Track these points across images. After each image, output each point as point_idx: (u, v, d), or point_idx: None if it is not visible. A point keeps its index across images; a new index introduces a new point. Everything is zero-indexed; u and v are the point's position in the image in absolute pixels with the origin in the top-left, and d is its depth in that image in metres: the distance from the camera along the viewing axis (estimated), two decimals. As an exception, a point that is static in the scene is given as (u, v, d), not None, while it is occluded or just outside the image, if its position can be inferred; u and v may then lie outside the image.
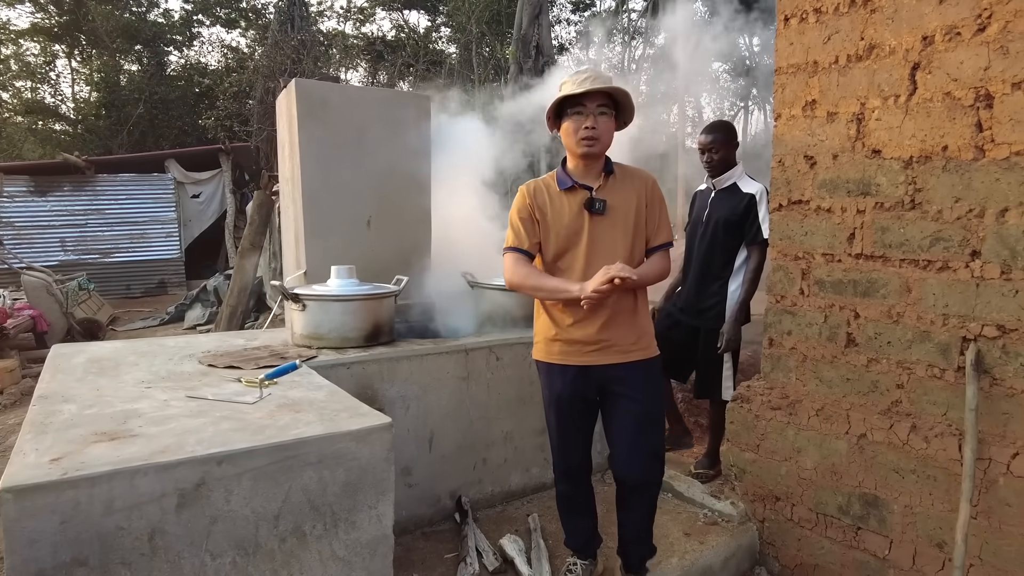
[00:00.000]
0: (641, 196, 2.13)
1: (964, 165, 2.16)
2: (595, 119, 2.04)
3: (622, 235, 2.11)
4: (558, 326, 2.16)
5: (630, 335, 2.15)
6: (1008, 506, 2.06)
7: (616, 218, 2.10)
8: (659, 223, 2.16)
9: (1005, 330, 2.08)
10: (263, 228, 6.44)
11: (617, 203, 2.11)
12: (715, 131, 3.30)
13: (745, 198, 3.17)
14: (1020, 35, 2.00)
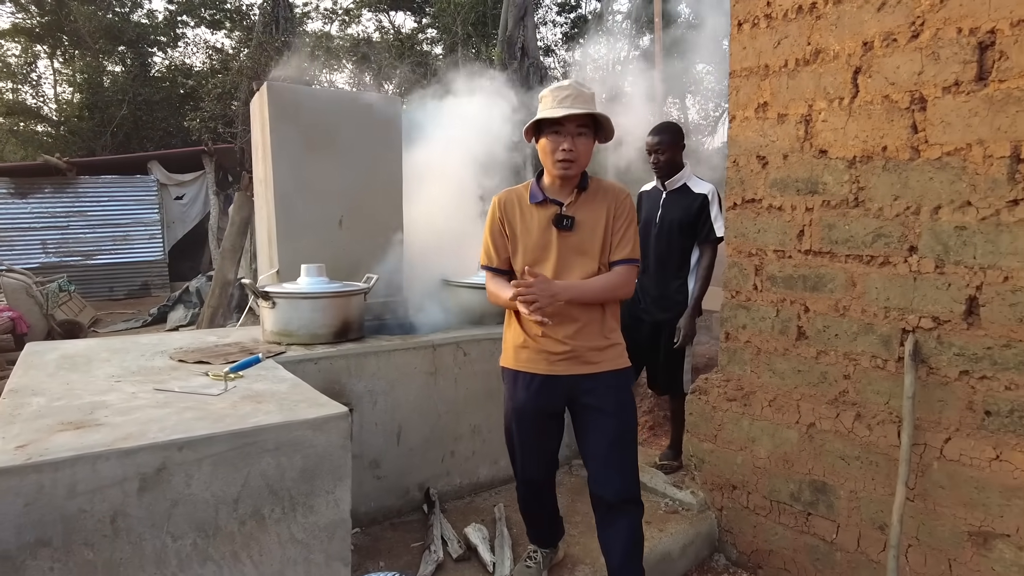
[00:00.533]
0: (610, 211, 2.07)
1: (901, 165, 2.27)
2: (573, 140, 1.99)
3: (590, 252, 2.07)
4: (527, 334, 2.13)
5: (598, 345, 2.10)
6: (941, 488, 2.17)
7: (584, 235, 2.06)
8: (622, 237, 2.08)
9: (939, 321, 2.19)
10: (244, 229, 6.48)
11: (586, 219, 2.06)
12: (661, 132, 3.34)
13: (698, 199, 3.26)
14: (949, 42, 2.11)
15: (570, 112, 1.95)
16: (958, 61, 2.10)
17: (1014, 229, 2.01)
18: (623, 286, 2.09)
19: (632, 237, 2.09)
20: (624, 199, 2.11)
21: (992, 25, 2.02)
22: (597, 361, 2.11)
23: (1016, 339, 2.02)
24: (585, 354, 2.09)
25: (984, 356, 2.09)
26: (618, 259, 2.08)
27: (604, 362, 2.12)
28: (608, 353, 2.13)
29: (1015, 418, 2.03)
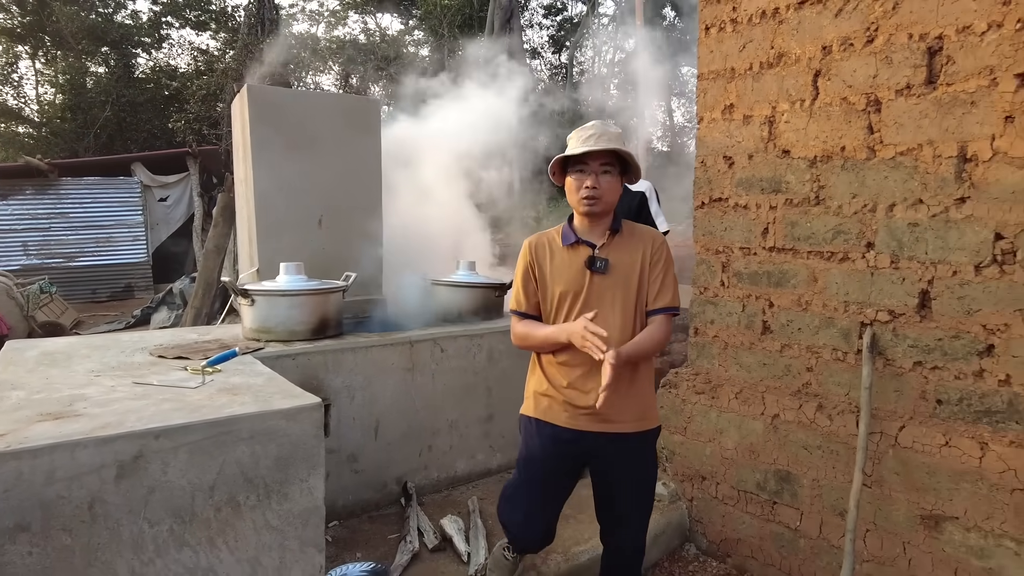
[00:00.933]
0: (646, 256, 1.99)
1: (859, 164, 2.36)
2: (597, 178, 1.93)
3: (622, 296, 1.97)
4: (551, 384, 2.03)
5: (629, 406, 1.98)
6: (896, 474, 2.26)
7: (618, 278, 1.97)
8: (662, 285, 1.98)
9: (895, 314, 2.29)
10: (227, 230, 6.50)
11: (619, 263, 1.98)
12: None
13: (636, 196, 3.33)
14: (901, 47, 2.21)
15: (591, 149, 1.90)
16: (909, 65, 2.20)
17: (961, 226, 2.10)
18: (667, 338, 2.00)
19: (671, 285, 2.00)
20: (661, 244, 2.02)
21: (940, 31, 2.12)
22: (623, 420, 1.98)
23: (964, 330, 2.11)
24: (614, 415, 1.96)
25: (935, 347, 2.18)
26: (658, 308, 1.98)
27: (632, 421, 2.00)
28: (636, 411, 2.00)
29: (963, 406, 2.12)
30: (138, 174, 11.89)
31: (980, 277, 2.07)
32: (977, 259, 2.08)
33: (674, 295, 2.00)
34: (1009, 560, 2.01)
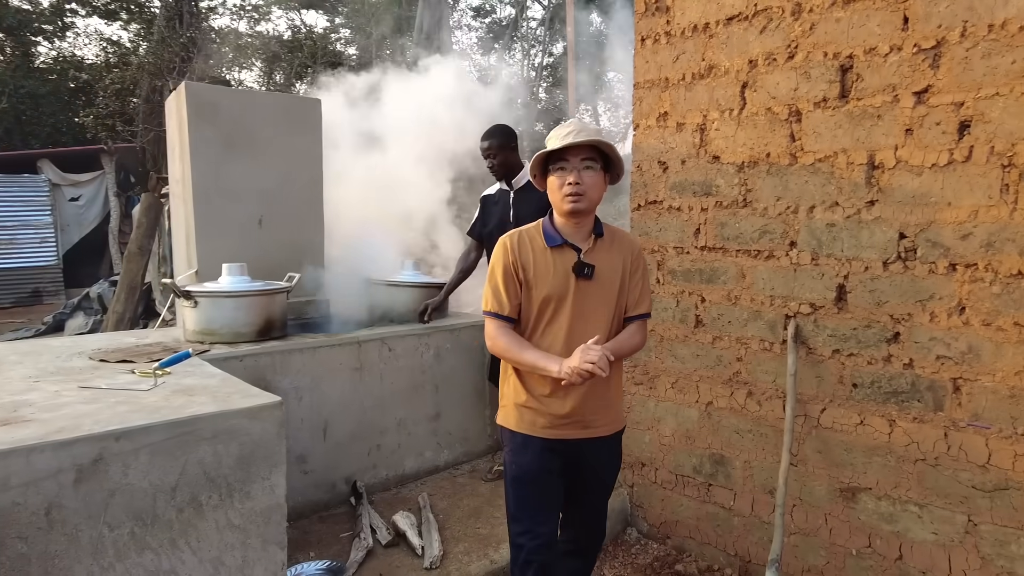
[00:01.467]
0: (627, 262, 1.99)
1: (782, 169, 2.57)
2: (579, 174, 1.86)
3: (606, 302, 1.95)
4: (530, 394, 1.97)
5: (604, 410, 2.01)
6: (818, 452, 2.48)
7: (603, 284, 1.94)
8: (640, 292, 2.00)
9: (815, 307, 2.50)
10: (151, 231, 6.24)
11: (604, 268, 1.95)
12: (489, 137, 3.31)
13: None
14: (818, 63, 2.43)
15: (571, 143, 1.84)
16: (825, 80, 2.42)
17: (871, 226, 2.33)
18: (644, 342, 2.06)
19: (647, 291, 2.04)
20: (639, 251, 2.05)
21: (851, 51, 2.34)
22: (600, 424, 2.00)
23: (875, 320, 2.34)
24: (588, 417, 1.97)
25: (851, 336, 2.41)
26: (637, 314, 2.01)
27: (606, 425, 2.02)
28: (610, 414, 2.03)
29: (875, 388, 2.35)
30: (46, 171, 11.18)
31: (887, 272, 2.31)
32: (885, 256, 2.31)
33: (650, 301, 2.07)
34: (913, 522, 2.25)
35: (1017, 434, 2.06)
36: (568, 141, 1.85)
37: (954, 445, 2.17)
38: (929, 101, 2.20)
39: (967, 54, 2.12)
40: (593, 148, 1.89)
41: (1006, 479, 2.07)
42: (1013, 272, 2.06)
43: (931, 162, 2.20)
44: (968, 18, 2.12)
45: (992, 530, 2.11)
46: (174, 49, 14.54)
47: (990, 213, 2.10)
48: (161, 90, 14.77)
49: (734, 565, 2.74)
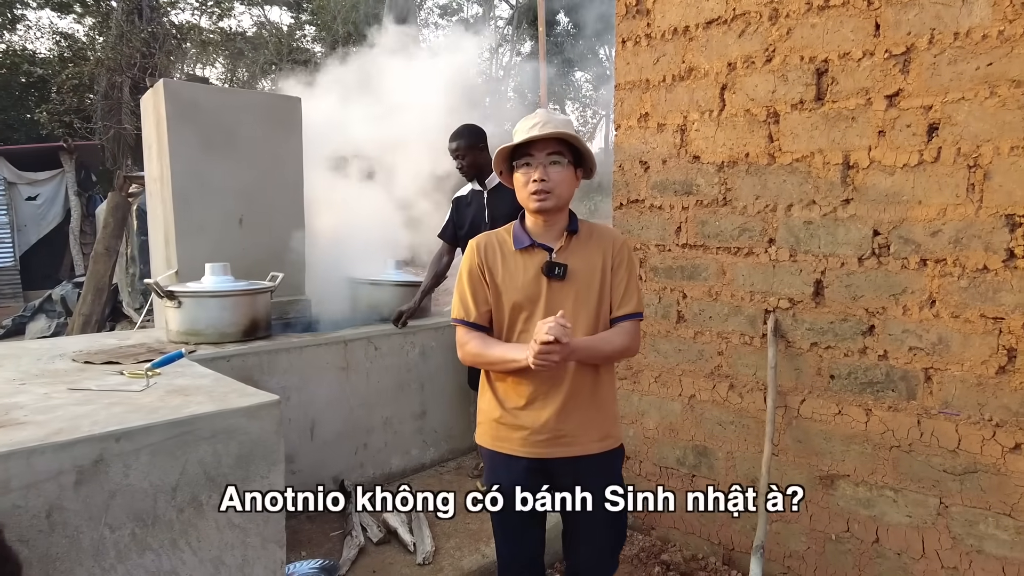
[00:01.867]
0: (607, 258, 1.80)
1: (761, 169, 2.65)
2: (545, 169, 1.72)
3: (585, 304, 1.77)
4: (504, 407, 1.82)
5: (589, 424, 1.80)
6: (799, 442, 2.57)
7: (578, 285, 1.78)
8: (625, 289, 1.80)
9: (794, 302, 2.59)
10: (119, 232, 6.10)
11: (579, 267, 1.78)
12: (458, 137, 3.25)
13: None
14: (794, 67, 2.52)
15: (535, 136, 1.70)
16: (802, 83, 2.51)
17: (847, 223, 2.43)
18: (632, 344, 1.81)
19: (636, 289, 1.83)
20: (622, 245, 1.84)
21: (826, 55, 2.44)
22: (585, 440, 1.80)
23: (851, 314, 2.44)
24: (569, 431, 1.78)
25: (828, 329, 2.51)
26: (622, 314, 1.80)
27: (594, 441, 1.81)
28: (597, 429, 1.82)
29: (851, 379, 2.45)
30: (1, 170, 10.79)
31: (862, 268, 2.41)
32: (860, 252, 2.41)
33: (639, 299, 1.82)
34: (889, 507, 2.36)
35: (984, 420, 2.18)
36: (532, 134, 1.70)
37: (926, 432, 2.28)
38: (900, 104, 2.30)
39: (935, 60, 2.23)
40: (560, 141, 1.73)
41: (975, 462, 2.19)
42: (979, 267, 2.18)
43: (902, 162, 2.31)
44: (935, 26, 2.22)
45: (962, 511, 2.22)
46: (134, 45, 14.19)
47: (957, 211, 2.21)
48: (120, 86, 14.40)
49: (718, 553, 2.82)
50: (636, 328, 1.83)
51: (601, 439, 1.84)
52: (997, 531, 2.15)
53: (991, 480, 2.16)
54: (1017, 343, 2.11)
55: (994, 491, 2.15)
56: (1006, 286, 2.12)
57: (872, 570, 2.41)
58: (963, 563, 2.22)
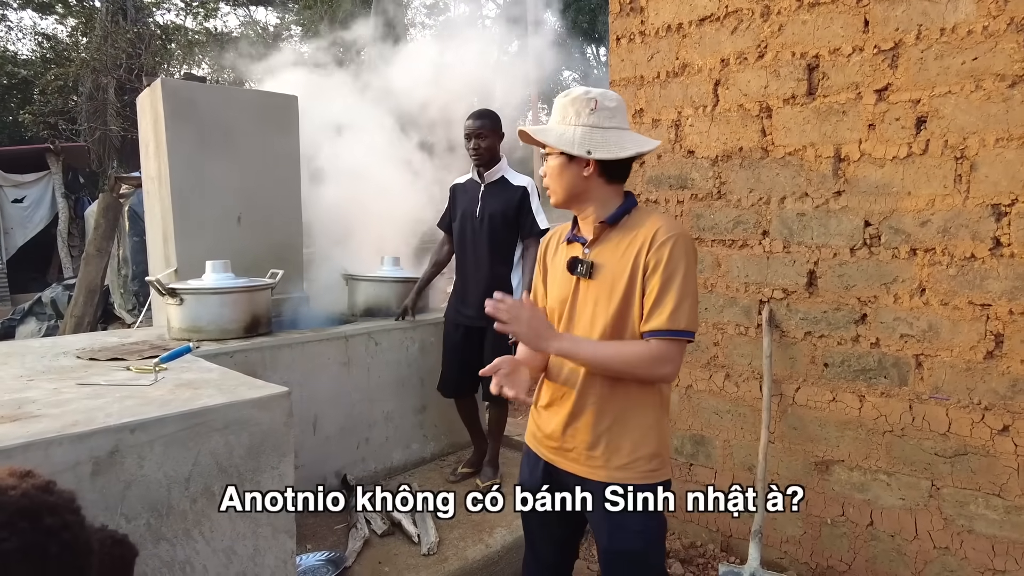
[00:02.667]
0: (640, 258, 1.52)
1: (754, 163, 2.71)
2: (546, 164, 1.63)
3: (604, 308, 1.56)
4: (536, 401, 1.74)
5: (595, 445, 1.58)
6: (794, 429, 2.63)
7: (603, 285, 1.57)
8: (656, 298, 1.49)
9: (788, 292, 2.65)
10: (110, 233, 6.08)
11: (607, 265, 1.57)
12: (483, 117, 3.13)
13: (518, 191, 3.12)
14: (786, 62, 2.58)
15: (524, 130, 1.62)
16: (793, 79, 2.57)
17: (839, 215, 2.49)
18: (647, 364, 1.49)
19: (673, 300, 1.48)
20: (665, 241, 1.51)
21: (816, 51, 2.50)
22: (587, 463, 1.60)
23: (843, 303, 2.50)
24: (569, 445, 1.62)
25: (821, 318, 2.57)
26: (646, 330, 1.51)
27: (597, 468, 1.58)
28: (612, 451, 1.57)
29: (845, 367, 2.51)
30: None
31: (854, 258, 2.47)
32: (852, 243, 2.47)
33: (674, 313, 1.47)
34: (882, 490, 2.42)
35: (973, 403, 2.24)
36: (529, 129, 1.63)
37: (918, 416, 2.34)
38: (889, 98, 2.37)
39: (922, 55, 2.30)
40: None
41: (964, 445, 2.26)
42: (967, 255, 2.24)
43: (892, 155, 2.37)
44: (922, 22, 2.29)
45: (953, 492, 2.29)
46: (120, 45, 14.09)
47: (945, 201, 2.28)
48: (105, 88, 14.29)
49: (716, 540, 2.88)
50: (663, 349, 1.48)
51: (616, 468, 1.56)
52: (987, 511, 2.22)
53: (980, 462, 2.23)
54: (1004, 329, 2.18)
55: (983, 472, 2.22)
56: (993, 274, 2.19)
57: (867, 552, 2.47)
58: (954, 543, 2.28)
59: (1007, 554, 2.18)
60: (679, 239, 1.52)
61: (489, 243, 3.13)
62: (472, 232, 3.17)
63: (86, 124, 13.92)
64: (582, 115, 1.57)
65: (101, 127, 13.81)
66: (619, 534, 1.58)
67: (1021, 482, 2.15)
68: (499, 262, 3.15)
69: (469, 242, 3.19)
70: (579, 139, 1.55)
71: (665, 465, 1.62)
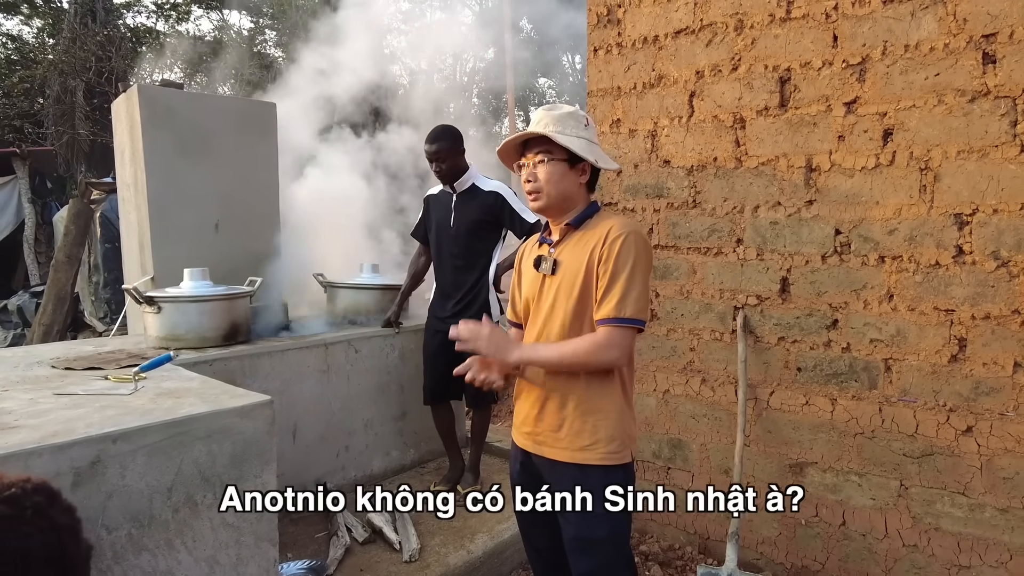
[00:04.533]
0: (595, 254, 1.64)
1: (729, 172, 2.78)
2: (532, 169, 1.70)
3: (563, 301, 1.69)
4: (515, 397, 1.88)
5: (567, 429, 1.70)
6: (769, 432, 2.69)
7: (564, 281, 1.71)
8: (605, 287, 1.62)
9: (761, 298, 2.72)
10: (81, 239, 5.97)
11: (567, 261, 1.71)
12: (439, 139, 3.10)
13: (491, 196, 3.12)
14: (759, 75, 2.65)
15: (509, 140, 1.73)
16: (766, 91, 2.64)
17: (810, 223, 2.57)
18: (594, 351, 1.61)
19: (621, 289, 1.60)
20: (616, 238, 1.62)
21: (788, 64, 2.58)
22: (553, 444, 1.72)
23: (815, 309, 2.58)
24: (544, 433, 1.74)
25: (794, 324, 2.64)
26: (599, 318, 1.63)
27: (564, 450, 1.70)
28: (576, 439, 1.69)
29: (817, 371, 2.59)
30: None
31: (825, 265, 2.55)
32: (823, 250, 2.55)
33: (621, 301, 1.60)
34: (854, 491, 2.50)
35: (939, 405, 2.33)
36: (509, 139, 1.73)
37: (887, 418, 2.42)
38: (857, 111, 2.45)
39: (888, 70, 2.38)
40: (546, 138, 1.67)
41: (931, 445, 2.34)
42: (932, 262, 2.33)
43: (861, 165, 2.45)
44: (888, 39, 2.38)
45: (921, 492, 2.37)
46: (89, 48, 13.83)
47: (911, 211, 2.36)
48: (74, 91, 14.01)
49: (694, 543, 2.93)
50: (609, 336, 1.60)
51: (578, 449, 1.68)
52: (952, 509, 2.30)
53: (946, 461, 2.31)
54: (967, 333, 2.26)
55: (949, 471, 2.30)
56: (956, 280, 2.27)
57: (840, 551, 2.54)
58: (922, 540, 2.36)
59: (972, 550, 2.27)
60: (630, 235, 1.64)
61: (465, 252, 3.16)
62: (448, 243, 3.20)
63: (53, 128, 13.62)
64: (579, 129, 1.71)
65: (69, 131, 13.53)
66: (585, 519, 1.68)
67: (984, 480, 2.24)
68: (476, 270, 3.17)
69: (446, 253, 3.21)
70: (585, 149, 1.69)
71: (625, 448, 1.73)
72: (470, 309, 3.13)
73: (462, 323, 1.72)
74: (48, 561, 1.09)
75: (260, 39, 19.92)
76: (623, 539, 1.75)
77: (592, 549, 1.71)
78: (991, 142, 2.19)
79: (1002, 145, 2.17)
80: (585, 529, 1.70)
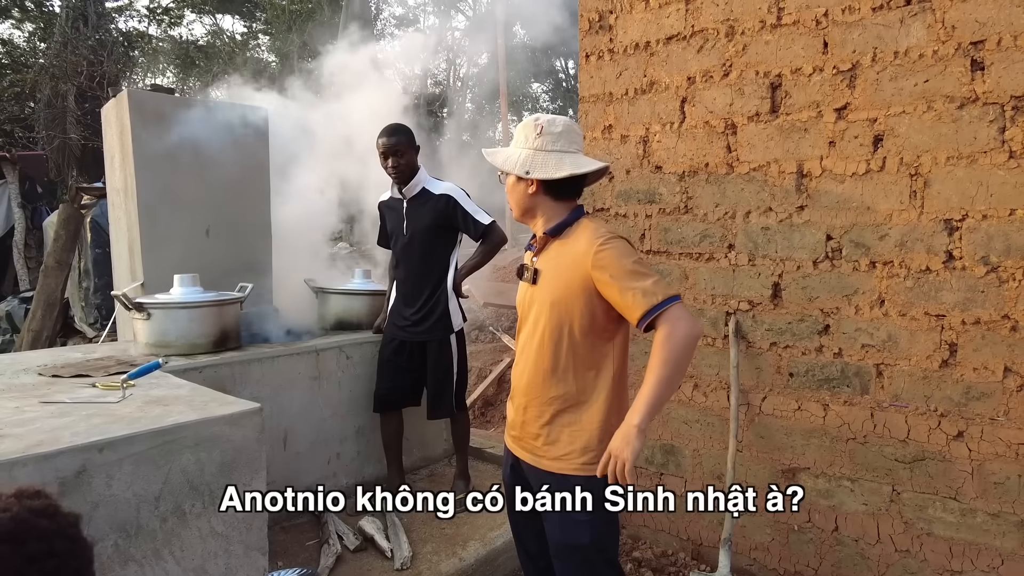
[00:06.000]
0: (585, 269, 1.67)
1: (720, 178, 2.78)
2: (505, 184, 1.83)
3: (544, 312, 1.74)
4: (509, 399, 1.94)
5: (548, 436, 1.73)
6: (761, 438, 2.69)
7: (544, 291, 1.75)
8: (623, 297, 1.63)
9: (753, 304, 2.72)
10: (71, 244, 5.93)
11: (547, 271, 1.76)
12: (397, 133, 2.99)
13: (442, 200, 3.05)
14: (750, 81, 2.66)
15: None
16: (757, 97, 2.65)
17: (802, 229, 2.58)
18: (671, 344, 1.58)
19: (637, 287, 1.60)
20: (598, 251, 1.64)
21: (779, 70, 2.58)
22: (535, 454, 1.78)
23: (807, 314, 2.58)
24: (526, 440, 1.80)
25: (786, 329, 2.64)
26: (638, 320, 1.61)
27: (544, 459, 1.75)
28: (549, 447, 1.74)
29: (809, 376, 2.59)
30: (-63, 182, 10.31)
31: (817, 270, 2.55)
32: (814, 255, 2.55)
33: (645, 294, 1.59)
34: (846, 496, 2.50)
35: (930, 410, 2.33)
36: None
37: (879, 424, 2.42)
38: (848, 117, 2.46)
39: (878, 76, 2.39)
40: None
41: (923, 451, 2.34)
42: (922, 268, 2.34)
43: (851, 171, 2.46)
44: (877, 45, 2.39)
45: (913, 497, 2.37)
46: (80, 52, 13.78)
47: (902, 216, 2.37)
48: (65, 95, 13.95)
49: (687, 549, 2.92)
50: (666, 322, 1.59)
51: (554, 458, 1.72)
52: (944, 514, 2.30)
53: (938, 466, 2.31)
54: (957, 338, 2.27)
55: (940, 476, 2.30)
56: (947, 285, 2.28)
57: (832, 557, 2.54)
58: (915, 545, 2.36)
59: (963, 555, 2.27)
60: (608, 241, 1.67)
61: (421, 258, 3.11)
62: (403, 249, 3.15)
63: (44, 132, 13.55)
64: (530, 139, 1.77)
65: (60, 135, 13.47)
66: (566, 525, 1.71)
67: (975, 485, 2.24)
68: (433, 277, 3.12)
69: (401, 260, 3.17)
70: (521, 160, 1.75)
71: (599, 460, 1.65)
72: (430, 318, 3.09)
73: (602, 465, 1.58)
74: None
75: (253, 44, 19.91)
76: (606, 545, 1.77)
77: (575, 555, 1.74)
78: (980, 148, 2.20)
79: (991, 151, 2.18)
80: (567, 535, 1.72)
